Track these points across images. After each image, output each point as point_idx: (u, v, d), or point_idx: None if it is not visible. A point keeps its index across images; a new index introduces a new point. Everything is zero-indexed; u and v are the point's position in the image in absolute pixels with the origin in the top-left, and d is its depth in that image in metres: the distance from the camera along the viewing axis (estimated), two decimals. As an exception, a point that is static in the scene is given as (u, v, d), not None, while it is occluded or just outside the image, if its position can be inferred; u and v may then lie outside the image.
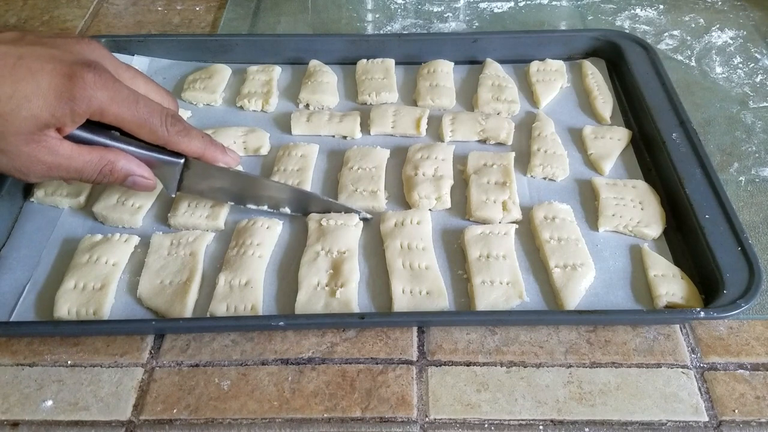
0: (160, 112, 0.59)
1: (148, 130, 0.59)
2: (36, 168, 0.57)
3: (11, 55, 0.53)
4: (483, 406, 0.55)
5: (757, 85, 0.90)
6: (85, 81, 0.54)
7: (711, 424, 0.55)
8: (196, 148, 0.63)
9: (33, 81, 0.53)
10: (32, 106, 0.53)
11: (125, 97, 0.57)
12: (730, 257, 0.63)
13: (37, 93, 0.53)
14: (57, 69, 0.54)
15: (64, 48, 0.56)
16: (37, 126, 0.54)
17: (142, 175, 0.62)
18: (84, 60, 0.55)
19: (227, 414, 0.56)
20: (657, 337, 0.61)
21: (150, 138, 0.60)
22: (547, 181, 0.76)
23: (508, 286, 0.63)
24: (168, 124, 0.60)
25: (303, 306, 0.62)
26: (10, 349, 0.60)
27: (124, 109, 0.57)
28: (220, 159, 0.65)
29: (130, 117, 0.57)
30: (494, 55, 0.91)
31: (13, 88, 0.52)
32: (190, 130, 0.62)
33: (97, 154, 0.58)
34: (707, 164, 0.71)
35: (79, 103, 0.54)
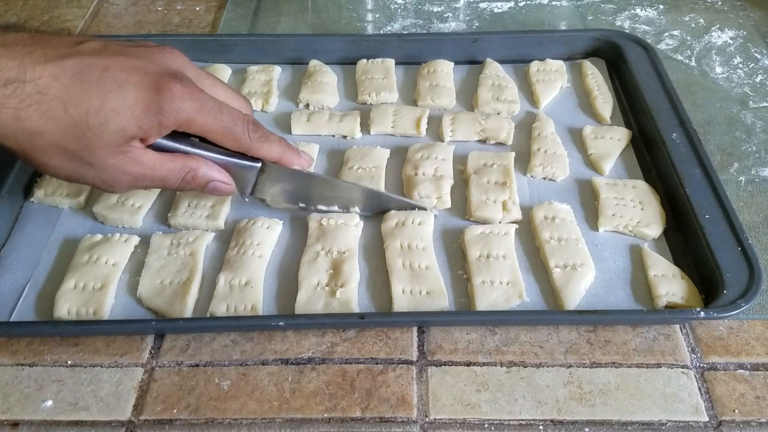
0: (242, 120, 0.60)
1: (232, 138, 0.59)
2: (122, 179, 0.57)
3: (97, 66, 0.53)
4: (483, 406, 0.56)
5: (757, 85, 0.90)
6: (173, 93, 0.54)
7: (711, 424, 0.55)
8: (275, 153, 0.63)
9: (120, 94, 0.52)
10: (120, 120, 0.53)
11: (210, 107, 0.57)
12: (730, 257, 0.63)
13: (125, 106, 0.52)
14: (143, 81, 0.53)
15: (147, 58, 0.56)
16: (125, 139, 0.54)
17: (222, 180, 0.62)
18: (169, 71, 0.55)
19: (227, 414, 0.56)
20: (657, 337, 0.61)
21: (233, 145, 0.61)
22: (547, 181, 0.76)
23: (508, 286, 0.63)
24: (250, 131, 0.60)
25: (303, 306, 0.62)
26: (10, 349, 0.60)
27: (209, 119, 0.57)
28: (295, 162, 0.65)
29: (215, 126, 0.57)
30: (494, 55, 0.91)
31: (101, 101, 0.52)
32: (269, 136, 0.63)
33: (180, 162, 0.59)
34: (707, 164, 0.71)
35: (167, 116, 0.54)
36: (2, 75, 0.49)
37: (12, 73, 0.50)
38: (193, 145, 0.60)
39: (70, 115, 0.51)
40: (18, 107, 0.50)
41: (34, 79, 0.50)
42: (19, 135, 0.52)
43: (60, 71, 0.51)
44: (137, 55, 0.55)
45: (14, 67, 0.50)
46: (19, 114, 0.50)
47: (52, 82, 0.51)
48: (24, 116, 0.50)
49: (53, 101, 0.51)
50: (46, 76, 0.51)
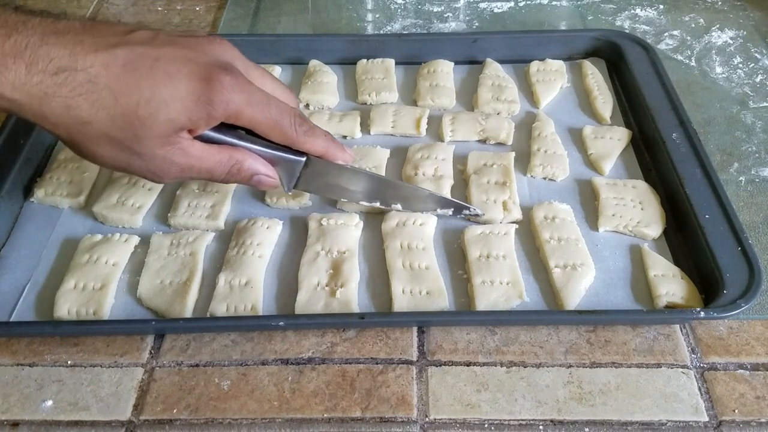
0: (290, 113, 0.59)
1: (279, 131, 0.59)
2: (170, 170, 0.57)
3: (148, 56, 0.52)
4: (483, 406, 0.56)
5: (757, 85, 0.90)
6: (223, 85, 0.54)
7: (711, 424, 0.55)
8: (320, 147, 0.63)
9: (171, 84, 0.52)
10: (170, 111, 0.53)
11: (258, 99, 0.57)
12: (730, 257, 0.63)
13: (175, 97, 0.52)
14: (194, 72, 0.53)
15: (198, 49, 0.55)
16: (174, 129, 0.54)
17: (267, 174, 0.62)
18: (219, 62, 0.55)
19: (227, 414, 0.56)
20: (657, 337, 0.61)
21: (279, 138, 0.60)
22: (547, 181, 0.76)
23: (508, 286, 0.63)
24: (297, 124, 0.60)
25: (303, 306, 0.62)
26: (10, 349, 0.60)
27: (258, 111, 0.57)
28: (339, 157, 0.65)
29: (263, 119, 0.57)
30: (494, 55, 0.91)
31: (152, 91, 0.52)
32: (315, 130, 0.62)
33: (226, 154, 0.59)
34: (707, 164, 0.71)
35: (217, 107, 0.54)
36: (54, 63, 0.49)
37: (63, 61, 0.49)
38: (240, 138, 0.60)
39: (121, 105, 0.51)
40: (69, 96, 0.50)
41: (85, 68, 0.50)
42: (69, 124, 0.52)
43: (111, 60, 0.51)
44: (187, 46, 0.55)
45: (65, 55, 0.50)
46: (70, 103, 0.50)
47: (102, 72, 0.51)
48: (74, 105, 0.51)
49: (104, 91, 0.51)
50: (97, 65, 0.50)
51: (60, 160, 0.77)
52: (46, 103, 0.50)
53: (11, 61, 0.48)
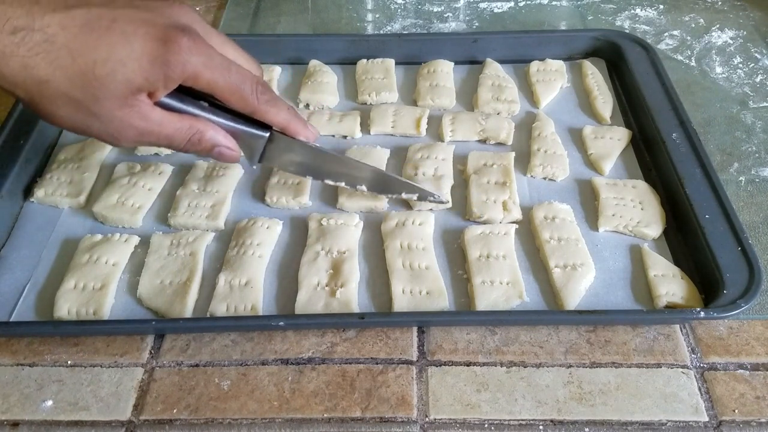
0: (251, 80, 0.59)
1: (239, 97, 0.59)
2: (128, 133, 0.56)
3: (105, 17, 0.52)
4: (483, 406, 0.56)
5: (757, 85, 0.90)
6: (180, 46, 0.53)
7: (711, 424, 0.55)
8: (282, 120, 0.62)
9: (127, 45, 0.52)
10: (127, 70, 0.52)
11: (218, 63, 0.56)
12: (730, 257, 0.63)
13: (131, 57, 0.52)
14: (151, 33, 0.53)
15: (156, 11, 0.55)
16: (131, 90, 0.54)
17: (228, 146, 0.61)
18: (177, 24, 0.55)
19: (227, 414, 0.56)
20: (657, 337, 0.61)
21: (239, 106, 0.60)
22: (547, 181, 0.76)
23: (508, 286, 0.63)
24: (258, 92, 0.59)
25: (303, 306, 0.62)
26: (10, 349, 0.60)
27: (217, 75, 0.56)
28: (301, 132, 0.64)
29: (222, 83, 0.57)
30: (494, 55, 0.91)
31: (108, 51, 0.52)
32: (278, 101, 0.62)
33: (187, 122, 0.58)
34: (707, 164, 0.71)
35: (173, 68, 0.53)
36: (11, 23, 0.49)
37: (20, 21, 0.50)
38: (202, 109, 0.60)
39: (78, 65, 0.51)
40: (26, 55, 0.50)
41: (42, 28, 0.50)
42: (27, 83, 0.52)
43: (68, 20, 0.51)
44: (146, 8, 0.55)
45: (22, 15, 0.50)
46: (27, 62, 0.50)
47: (60, 31, 0.51)
48: (32, 64, 0.51)
49: (61, 50, 0.51)
50: (54, 25, 0.51)
51: (60, 160, 0.77)
52: (4, 62, 0.50)
53: None
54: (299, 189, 0.73)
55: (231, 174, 0.75)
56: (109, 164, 0.78)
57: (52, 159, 0.79)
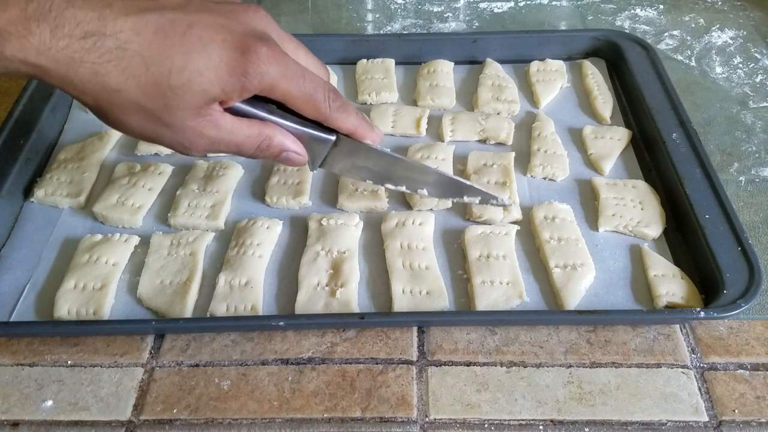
0: (324, 88, 0.57)
1: (312, 106, 0.57)
2: (199, 142, 0.54)
3: (180, 22, 0.50)
4: (483, 406, 0.56)
5: (757, 85, 0.90)
6: (259, 56, 0.51)
7: (711, 424, 0.55)
8: (351, 125, 0.61)
9: (204, 53, 0.50)
10: (203, 81, 0.50)
11: (294, 72, 0.54)
12: (730, 257, 0.63)
13: (209, 66, 0.50)
14: (228, 41, 0.51)
15: (232, 16, 0.53)
16: (206, 101, 0.52)
17: (296, 150, 0.59)
18: (255, 31, 0.53)
19: (227, 414, 0.56)
20: (657, 337, 0.61)
21: (312, 113, 0.58)
22: (547, 181, 0.76)
23: (508, 286, 0.63)
24: (330, 99, 0.58)
25: (303, 306, 0.62)
26: (10, 349, 0.60)
27: (292, 84, 0.54)
28: (368, 136, 0.63)
29: (297, 93, 0.55)
30: (494, 55, 0.91)
31: (185, 60, 0.49)
32: (348, 107, 0.60)
33: (256, 128, 0.56)
34: (707, 164, 0.71)
35: (251, 79, 0.52)
36: (81, 27, 0.47)
37: (92, 25, 0.47)
38: (270, 112, 0.58)
39: (152, 73, 0.49)
40: (97, 62, 0.48)
41: (115, 33, 0.48)
42: (97, 91, 0.49)
43: (142, 26, 0.49)
44: (222, 13, 0.53)
45: (94, 18, 0.47)
46: (98, 69, 0.48)
47: (133, 37, 0.48)
48: (103, 72, 0.48)
49: (134, 58, 0.48)
50: (127, 30, 0.48)
51: (60, 160, 0.77)
52: (73, 68, 0.48)
53: (35, 24, 0.46)
54: (299, 189, 0.73)
55: (231, 174, 0.75)
56: (109, 164, 0.78)
57: (52, 159, 0.79)
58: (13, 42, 0.46)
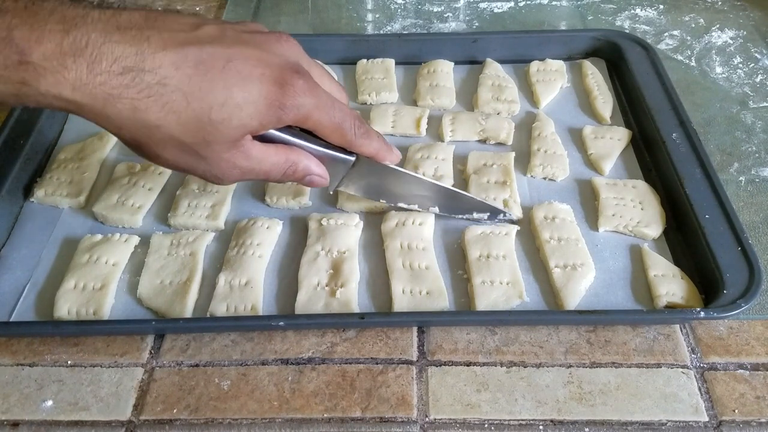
0: (351, 117, 0.59)
1: (340, 134, 0.58)
2: (232, 173, 0.55)
3: (220, 56, 0.50)
4: (483, 406, 0.56)
5: (757, 85, 0.90)
6: (296, 90, 0.52)
7: (711, 424, 0.55)
8: (373, 150, 0.62)
9: (244, 88, 0.50)
10: (243, 115, 0.50)
11: (325, 103, 0.55)
12: (730, 257, 0.62)
13: (249, 101, 0.50)
14: (267, 74, 0.51)
15: (266, 47, 0.53)
16: (243, 134, 0.52)
17: (319, 174, 0.60)
18: (290, 63, 0.53)
19: (227, 414, 0.56)
20: (657, 337, 0.61)
21: (338, 141, 0.59)
22: (547, 181, 0.76)
23: (508, 286, 0.63)
24: (356, 127, 0.59)
25: (303, 306, 0.62)
26: (10, 349, 0.60)
27: (323, 115, 0.55)
28: (388, 158, 0.64)
29: (327, 123, 0.56)
30: (494, 55, 0.91)
31: (226, 94, 0.49)
32: (371, 132, 0.61)
33: (283, 155, 0.57)
34: (707, 164, 0.71)
35: (288, 112, 0.52)
36: (119, 63, 0.46)
37: (129, 61, 0.46)
38: (294, 135, 0.58)
39: (192, 109, 0.49)
40: (136, 98, 0.47)
41: (154, 69, 0.47)
42: (135, 127, 0.49)
43: (181, 60, 0.48)
44: (257, 45, 0.53)
45: (132, 54, 0.46)
46: (137, 105, 0.47)
47: (173, 72, 0.48)
48: (142, 107, 0.48)
49: (174, 93, 0.48)
50: (166, 66, 0.47)
51: (60, 160, 0.77)
52: (111, 104, 0.47)
53: (71, 60, 0.45)
54: (299, 189, 0.73)
55: (231, 174, 0.75)
56: (109, 164, 0.78)
57: (52, 159, 0.79)
58: (48, 77, 0.45)
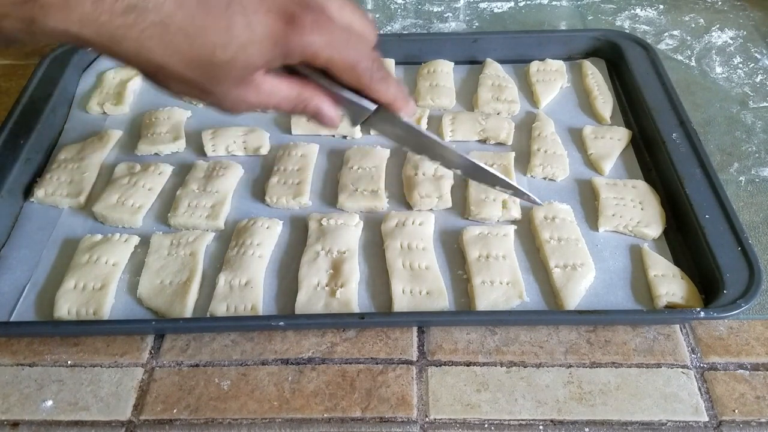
0: (368, 58, 0.55)
1: (354, 75, 0.55)
2: (240, 106, 0.55)
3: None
4: (483, 406, 0.55)
5: (757, 85, 0.90)
6: (303, 26, 0.50)
7: (711, 424, 0.55)
8: (389, 96, 0.59)
9: (248, 26, 0.49)
10: (248, 55, 0.50)
11: (338, 39, 0.53)
12: (730, 257, 0.63)
13: (253, 40, 0.49)
14: (272, 11, 0.49)
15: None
16: (250, 72, 0.51)
17: (330, 116, 0.58)
18: None
19: (227, 414, 0.55)
20: (657, 337, 0.61)
21: (352, 83, 0.56)
22: (547, 181, 0.76)
23: (508, 286, 0.63)
24: (373, 70, 0.56)
25: (303, 306, 0.62)
26: (10, 349, 0.60)
27: (335, 53, 0.53)
28: (404, 108, 0.61)
29: (339, 62, 0.54)
30: (494, 55, 0.91)
31: (228, 35, 0.48)
32: (389, 78, 0.59)
33: (295, 90, 0.55)
34: (707, 164, 0.71)
35: (294, 50, 0.51)
36: (122, 2, 0.45)
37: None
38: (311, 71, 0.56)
39: (195, 49, 0.48)
40: (139, 38, 0.47)
41: (157, 6, 0.46)
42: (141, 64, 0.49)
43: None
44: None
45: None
46: (141, 45, 0.47)
47: (176, 11, 0.47)
48: (146, 47, 0.47)
49: (177, 34, 0.47)
50: (168, 4, 0.46)
51: (60, 160, 0.77)
52: (116, 43, 0.46)
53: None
54: (299, 189, 0.73)
55: (231, 174, 0.75)
56: (109, 164, 0.78)
57: (52, 159, 0.79)
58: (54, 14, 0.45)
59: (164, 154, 0.79)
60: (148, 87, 0.89)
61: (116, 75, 0.89)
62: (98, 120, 0.85)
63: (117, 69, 0.89)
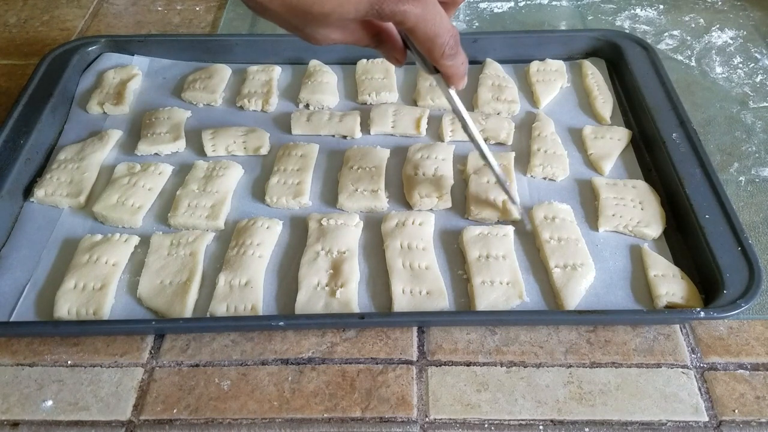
0: (447, 34, 0.58)
1: (428, 47, 0.59)
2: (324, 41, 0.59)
3: None
4: (483, 406, 0.56)
5: (757, 85, 0.90)
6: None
7: (711, 424, 0.55)
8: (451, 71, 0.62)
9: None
10: (344, 11, 0.54)
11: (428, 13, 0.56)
12: (730, 257, 0.63)
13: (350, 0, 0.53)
14: None
15: None
16: (342, 24, 0.56)
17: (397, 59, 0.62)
18: None
19: (227, 414, 0.56)
20: (657, 337, 0.61)
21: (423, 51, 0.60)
22: (547, 181, 0.76)
23: (508, 286, 0.63)
24: (447, 47, 0.59)
25: (303, 306, 0.62)
26: (10, 349, 0.60)
27: (421, 24, 0.56)
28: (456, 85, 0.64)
29: (421, 34, 0.57)
30: (494, 55, 0.91)
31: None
32: (458, 56, 0.61)
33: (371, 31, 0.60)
34: (707, 164, 0.71)
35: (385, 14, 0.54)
36: None
37: None
38: None
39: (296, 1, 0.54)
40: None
41: None
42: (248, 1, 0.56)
43: None
44: None
45: None
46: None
47: None
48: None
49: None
50: None
51: (60, 160, 0.77)
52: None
53: None
54: (299, 189, 0.73)
55: (231, 174, 0.75)
56: (109, 164, 0.78)
57: (52, 159, 0.79)
58: None
59: (164, 154, 0.79)
60: (148, 87, 0.89)
61: (116, 75, 0.89)
62: (98, 120, 0.85)
63: (117, 69, 0.89)
